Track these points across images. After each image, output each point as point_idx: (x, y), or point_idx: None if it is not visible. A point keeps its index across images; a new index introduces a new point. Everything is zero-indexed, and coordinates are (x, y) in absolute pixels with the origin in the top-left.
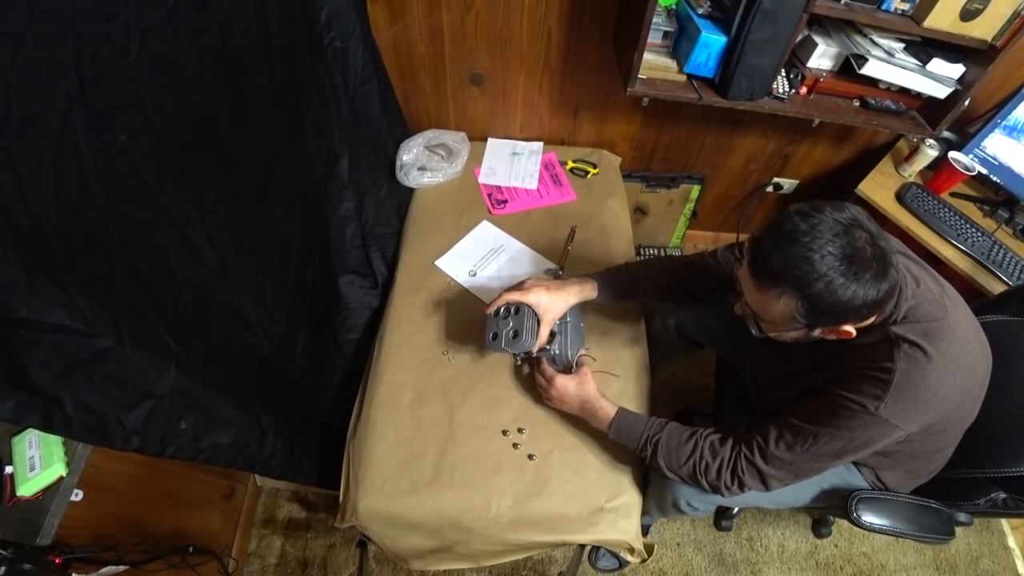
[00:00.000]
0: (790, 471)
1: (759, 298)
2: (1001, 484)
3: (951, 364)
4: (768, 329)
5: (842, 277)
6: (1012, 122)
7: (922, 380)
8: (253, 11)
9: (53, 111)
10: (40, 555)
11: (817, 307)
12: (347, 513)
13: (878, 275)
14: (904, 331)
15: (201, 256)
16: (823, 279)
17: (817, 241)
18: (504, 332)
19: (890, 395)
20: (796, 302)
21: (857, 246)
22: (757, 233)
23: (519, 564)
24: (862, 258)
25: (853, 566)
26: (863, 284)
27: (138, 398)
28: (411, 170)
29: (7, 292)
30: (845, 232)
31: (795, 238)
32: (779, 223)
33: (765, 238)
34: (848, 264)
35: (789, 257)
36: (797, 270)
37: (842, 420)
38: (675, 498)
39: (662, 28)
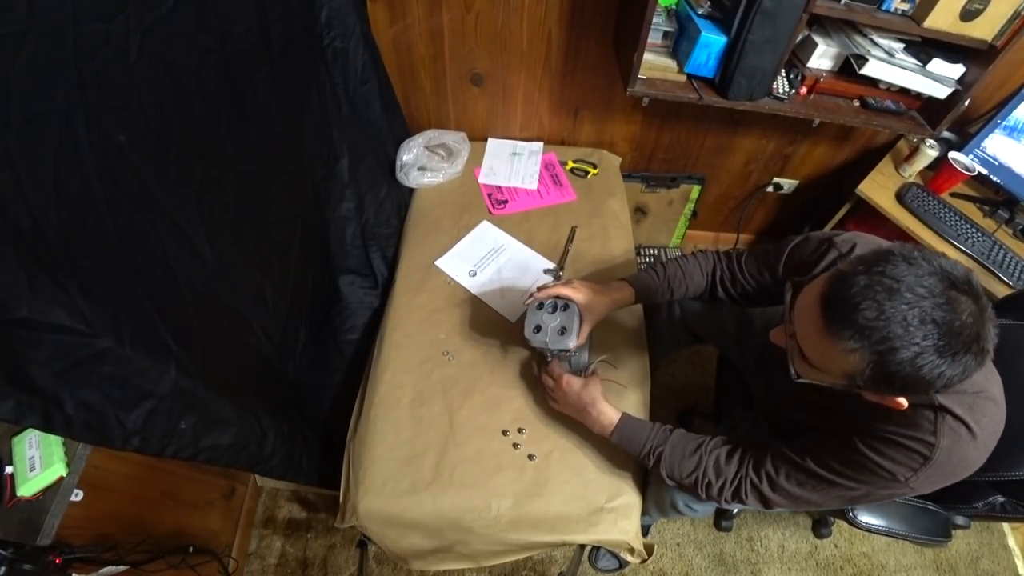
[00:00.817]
0: (794, 503)
1: (820, 343)
2: (999, 488)
3: (989, 439)
4: (811, 376)
5: (936, 355)
6: (1012, 122)
7: (961, 460)
8: (253, 11)
9: (53, 111)
10: (40, 555)
11: (889, 377)
12: (347, 513)
13: (974, 360)
14: (951, 403)
15: (201, 256)
16: (911, 349)
17: (923, 303)
18: (550, 327)
19: (925, 471)
20: (866, 364)
21: (965, 320)
22: (845, 267)
23: (519, 564)
24: (966, 337)
25: (853, 566)
26: (954, 366)
27: (138, 398)
28: (411, 170)
29: (7, 292)
30: (956, 299)
31: (896, 289)
32: (876, 263)
33: (856, 277)
34: (949, 341)
35: (884, 311)
36: (888, 330)
37: (865, 477)
38: (673, 499)
39: (662, 28)
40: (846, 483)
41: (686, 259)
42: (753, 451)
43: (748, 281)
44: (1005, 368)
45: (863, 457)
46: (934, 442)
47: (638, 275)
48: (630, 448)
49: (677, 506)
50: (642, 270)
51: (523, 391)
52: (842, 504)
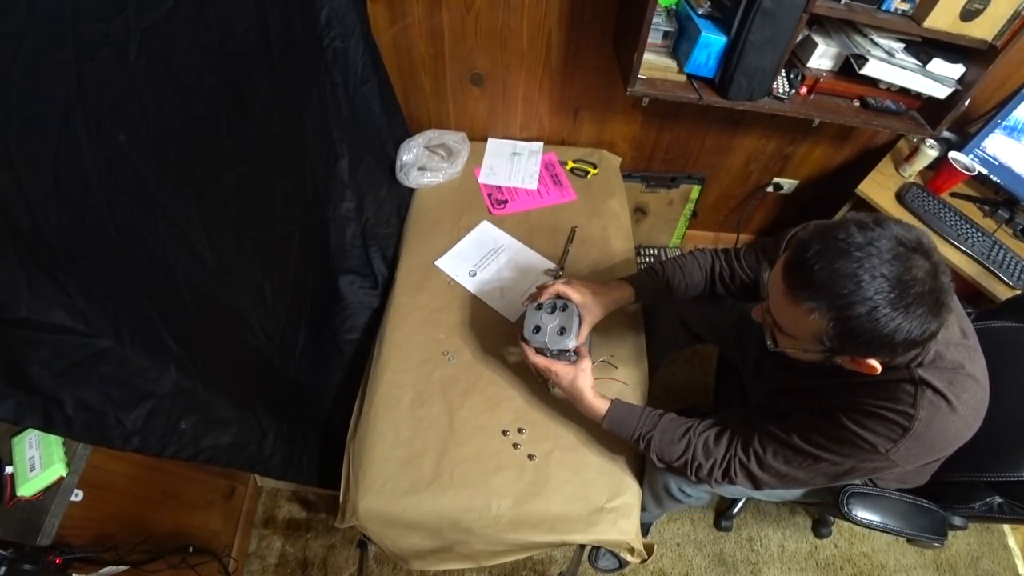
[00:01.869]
0: (782, 481)
1: (786, 308)
2: (997, 488)
3: (969, 416)
4: (785, 344)
5: (889, 307)
6: (1012, 122)
7: (941, 432)
8: (253, 11)
9: (53, 111)
10: (40, 555)
11: (850, 333)
12: (347, 513)
13: (929, 314)
14: (930, 376)
15: (201, 256)
16: (866, 303)
17: (872, 260)
18: (549, 327)
19: (905, 441)
20: (827, 323)
21: (915, 275)
22: (803, 234)
23: (519, 564)
24: (918, 290)
25: (853, 566)
26: (909, 319)
27: (138, 398)
28: (411, 170)
29: (7, 292)
30: (906, 256)
31: (846, 250)
32: (831, 229)
33: (812, 242)
34: (900, 293)
35: (835, 270)
36: (839, 287)
37: (848, 450)
38: (667, 484)
39: (662, 28)
40: (831, 457)
41: (684, 258)
42: (741, 432)
43: (747, 274)
44: (1006, 369)
45: (845, 430)
46: (913, 413)
47: (637, 275)
48: (621, 433)
49: (671, 491)
50: (641, 270)
51: (523, 391)
52: (829, 481)
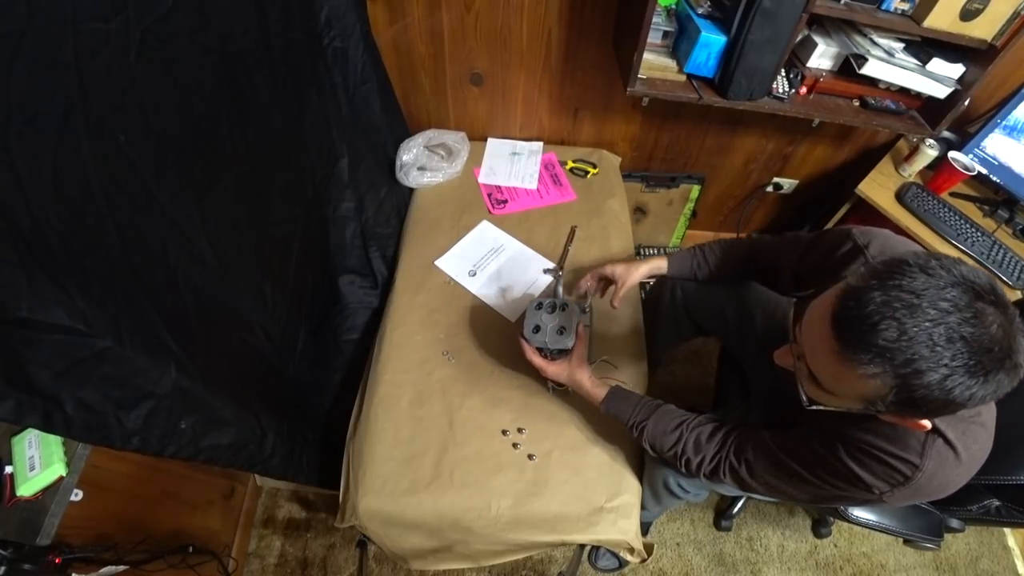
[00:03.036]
0: (769, 491)
1: (834, 367)
2: (995, 492)
3: (973, 466)
4: (823, 401)
5: (967, 375)
6: (1012, 122)
7: (941, 484)
8: (253, 11)
9: (53, 111)
10: (40, 555)
11: (915, 402)
12: (347, 513)
13: (1006, 379)
14: (944, 425)
15: (201, 256)
16: (942, 370)
17: (949, 318)
18: (549, 326)
19: (904, 489)
20: (889, 389)
21: (993, 333)
22: (855, 281)
23: (519, 564)
24: (997, 352)
25: (853, 566)
26: (986, 387)
27: (138, 398)
28: (411, 170)
29: (7, 292)
30: (983, 312)
31: (916, 304)
32: (891, 274)
33: (870, 292)
34: (980, 358)
35: (907, 330)
36: (913, 351)
37: (842, 484)
38: (665, 479)
39: (662, 28)
40: (823, 485)
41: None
42: (736, 435)
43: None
44: None
45: (843, 466)
46: (919, 464)
47: (675, 254)
48: (619, 418)
49: (669, 486)
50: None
51: (523, 391)
52: (817, 502)
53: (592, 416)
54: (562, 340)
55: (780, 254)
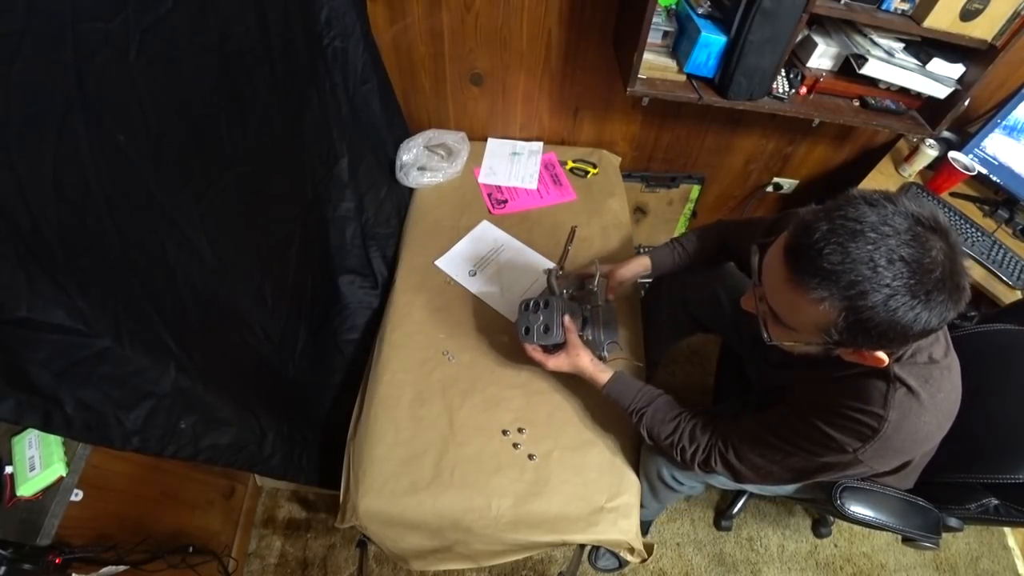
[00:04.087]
0: (758, 474)
1: (788, 296)
2: (993, 490)
3: (941, 415)
4: (782, 337)
5: (908, 294)
6: (1012, 122)
7: (911, 434)
8: (253, 11)
9: (53, 111)
10: (40, 555)
11: (863, 324)
12: (347, 513)
13: (949, 300)
14: (905, 373)
15: (201, 256)
16: (883, 291)
17: (888, 241)
18: (535, 327)
19: (874, 443)
20: (838, 313)
21: (935, 257)
22: (807, 214)
23: (519, 564)
24: (938, 275)
25: (853, 566)
26: (929, 307)
27: (138, 398)
28: (411, 170)
29: (7, 292)
30: (924, 236)
31: (859, 230)
32: (839, 207)
33: (818, 222)
34: (920, 279)
35: (850, 253)
36: (855, 272)
37: (819, 449)
38: (659, 470)
39: (662, 28)
40: (800, 454)
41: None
42: (725, 423)
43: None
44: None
45: (816, 430)
46: (883, 415)
47: (655, 250)
48: (619, 403)
49: (663, 477)
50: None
51: (523, 391)
52: (804, 477)
53: (592, 416)
54: (548, 337)
55: (746, 237)
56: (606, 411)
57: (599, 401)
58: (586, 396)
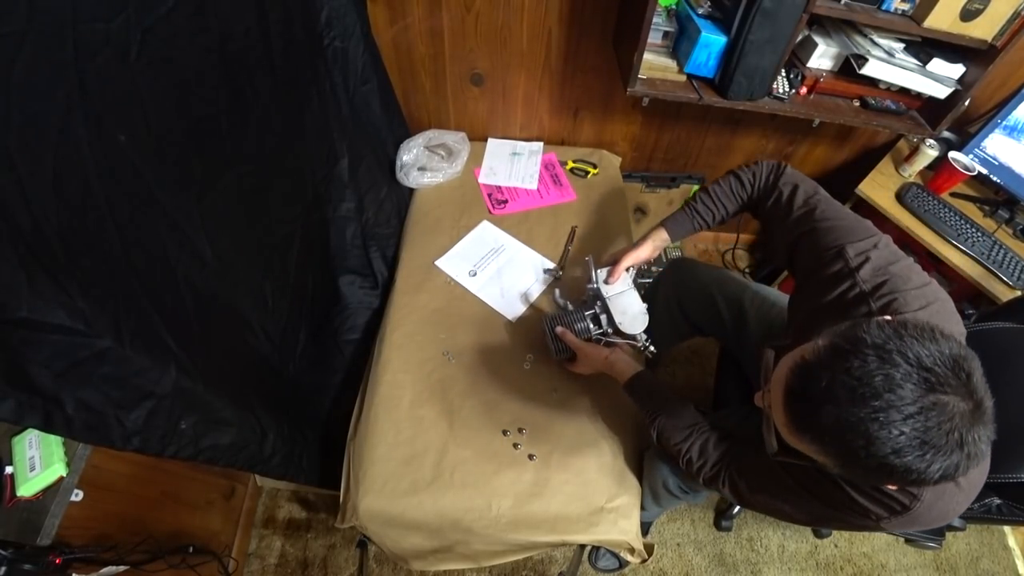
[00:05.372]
0: (766, 510)
1: (787, 431)
2: (996, 490)
3: (972, 491)
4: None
5: (905, 468)
6: (1012, 122)
7: (941, 512)
8: (253, 11)
9: (53, 111)
10: (40, 555)
11: (855, 475)
12: (347, 513)
13: (954, 465)
14: None
15: (201, 256)
16: (875, 459)
17: (891, 414)
18: (552, 345)
19: (901, 518)
20: (833, 465)
21: (945, 427)
22: (811, 356)
23: (519, 564)
24: (948, 442)
25: (853, 566)
26: (928, 472)
27: (138, 398)
28: (411, 170)
29: (7, 292)
30: (936, 405)
31: (861, 395)
32: (845, 354)
33: (820, 372)
34: (923, 454)
35: (846, 418)
36: (850, 438)
37: (840, 508)
38: (664, 479)
39: (662, 28)
40: (821, 507)
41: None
42: (743, 448)
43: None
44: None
45: (841, 491)
46: (918, 494)
47: (669, 219)
48: (635, 399)
49: (669, 487)
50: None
51: (523, 391)
52: (813, 524)
53: (593, 416)
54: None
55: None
56: (606, 412)
57: (599, 401)
58: (586, 397)
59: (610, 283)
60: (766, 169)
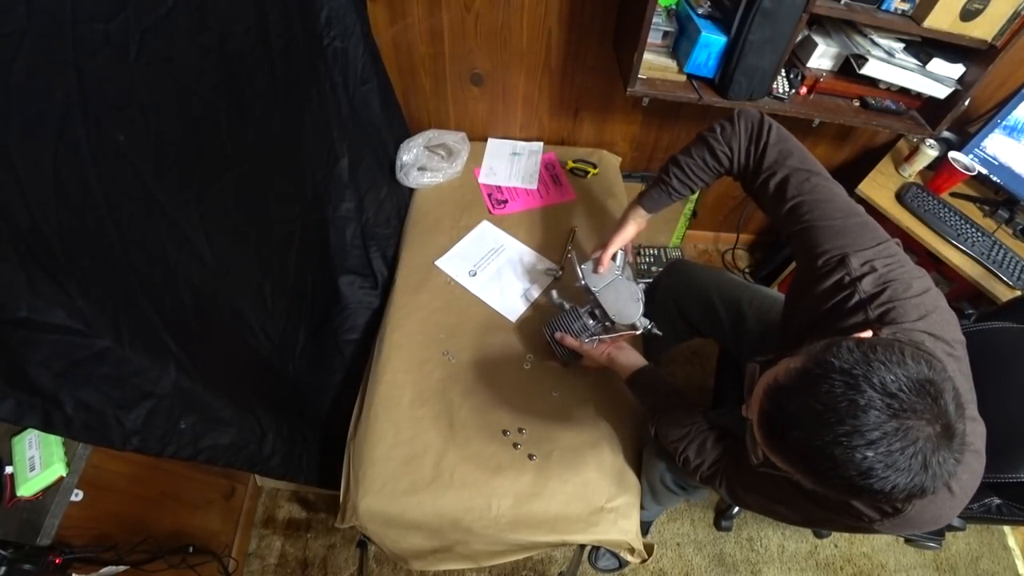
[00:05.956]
0: (761, 510)
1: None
2: (996, 490)
3: (964, 496)
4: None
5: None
6: (1012, 122)
7: (933, 516)
8: (253, 11)
9: (53, 111)
10: (40, 555)
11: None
12: (347, 513)
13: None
14: None
15: (201, 256)
16: (841, 481)
17: (853, 439)
18: (558, 351)
19: (894, 519)
20: (807, 481)
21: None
22: (784, 378)
23: (519, 564)
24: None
25: (853, 566)
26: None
27: (138, 398)
28: (411, 170)
29: (7, 292)
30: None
31: (827, 421)
32: (814, 379)
33: (790, 397)
34: (886, 476)
35: (811, 441)
36: (817, 460)
37: (834, 509)
38: (662, 475)
39: (662, 28)
40: (814, 508)
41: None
42: (739, 449)
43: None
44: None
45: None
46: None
47: (643, 195)
48: (636, 392)
49: (666, 482)
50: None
51: (523, 391)
52: (808, 525)
53: (592, 416)
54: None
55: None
56: (606, 412)
57: (599, 401)
58: (586, 397)
59: (599, 273)
60: (744, 140)
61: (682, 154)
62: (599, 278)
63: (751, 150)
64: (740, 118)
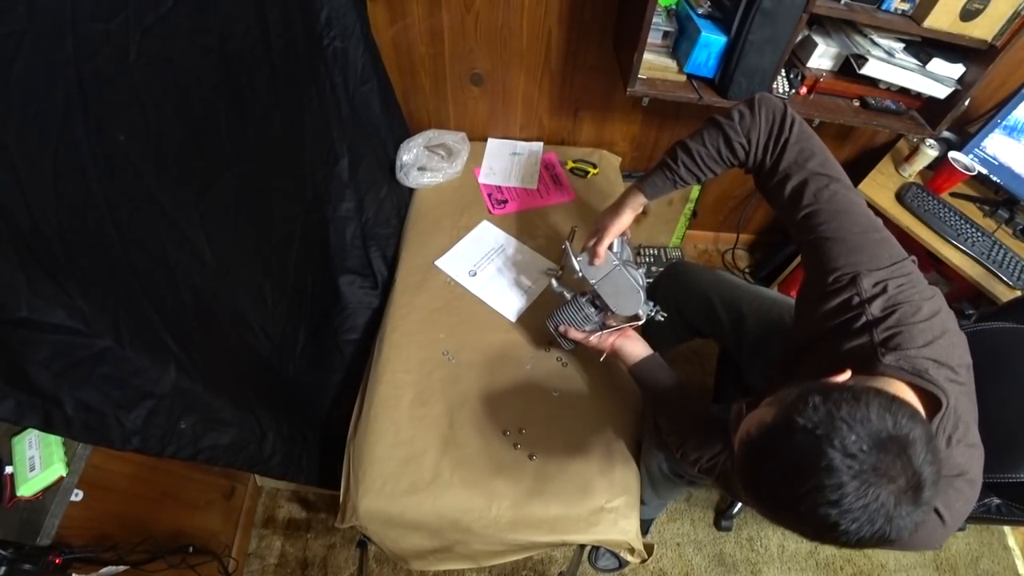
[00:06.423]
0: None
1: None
2: (995, 490)
3: (956, 524)
4: None
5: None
6: (1012, 122)
7: (924, 542)
8: (253, 11)
9: (53, 111)
10: (40, 555)
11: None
12: (347, 513)
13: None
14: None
15: (201, 256)
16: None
17: (817, 496)
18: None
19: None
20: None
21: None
22: (753, 433)
23: (519, 564)
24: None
25: (853, 566)
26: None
27: (138, 398)
28: (411, 170)
29: (7, 292)
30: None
31: (792, 474)
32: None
33: (757, 452)
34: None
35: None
36: (783, 515)
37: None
38: (660, 463)
39: (662, 28)
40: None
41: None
42: None
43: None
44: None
45: None
46: None
47: (644, 178)
48: (641, 380)
49: (663, 469)
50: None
51: (523, 391)
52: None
53: (593, 416)
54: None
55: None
56: (607, 412)
57: (599, 401)
58: (587, 397)
59: (595, 264)
60: (764, 133)
61: (692, 140)
62: (596, 269)
63: (770, 145)
64: (761, 106)
